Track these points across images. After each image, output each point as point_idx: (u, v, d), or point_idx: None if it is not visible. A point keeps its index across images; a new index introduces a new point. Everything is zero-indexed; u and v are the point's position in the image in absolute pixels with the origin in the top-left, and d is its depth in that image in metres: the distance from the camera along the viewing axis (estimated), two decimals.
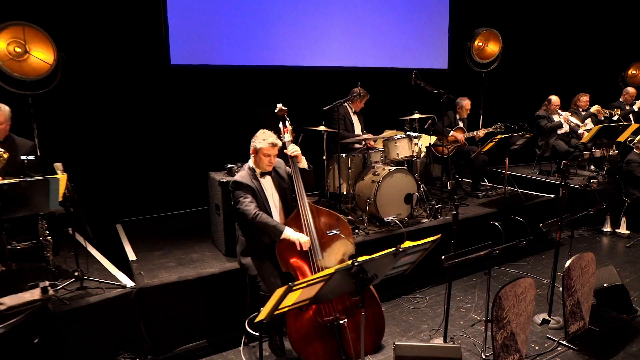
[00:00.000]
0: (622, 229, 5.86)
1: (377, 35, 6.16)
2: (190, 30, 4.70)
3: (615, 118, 7.21)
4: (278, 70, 5.50)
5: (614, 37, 8.89)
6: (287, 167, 3.19)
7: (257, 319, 2.02)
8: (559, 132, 6.94)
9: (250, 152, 3.08)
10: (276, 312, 2.07)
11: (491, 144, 5.24)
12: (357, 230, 4.26)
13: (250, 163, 3.12)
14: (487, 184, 6.20)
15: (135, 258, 3.81)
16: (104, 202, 4.87)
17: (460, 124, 6.08)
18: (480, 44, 7.21)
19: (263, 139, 3.00)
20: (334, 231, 2.84)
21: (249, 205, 2.89)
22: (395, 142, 4.68)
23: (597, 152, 6.58)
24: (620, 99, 7.69)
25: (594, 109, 7.15)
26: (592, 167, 7.16)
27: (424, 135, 5.32)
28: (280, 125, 3.19)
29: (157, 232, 4.58)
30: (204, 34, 4.80)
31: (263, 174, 3.10)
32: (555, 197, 5.80)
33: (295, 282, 1.92)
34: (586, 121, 6.96)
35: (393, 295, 4.24)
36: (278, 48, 5.38)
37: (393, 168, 4.51)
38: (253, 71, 5.32)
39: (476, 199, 5.64)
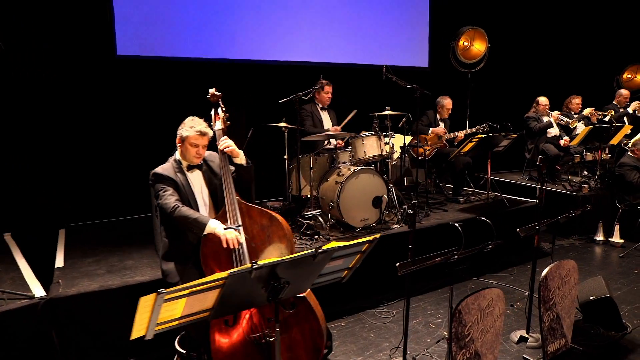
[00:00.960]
0: (616, 238, 5.42)
1: (352, 30, 5.83)
2: (139, 19, 4.36)
3: (607, 119, 6.81)
4: (240, 64, 5.15)
5: (608, 38, 8.55)
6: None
7: (132, 336, 1.61)
8: (549, 135, 6.56)
9: (176, 141, 2.69)
10: (161, 327, 1.66)
11: (471, 144, 4.85)
12: (316, 237, 3.85)
13: (177, 155, 2.73)
14: (470, 189, 5.79)
15: (62, 265, 3.41)
16: (49, 206, 4.50)
17: (441, 125, 5.70)
18: (465, 43, 6.89)
19: (190, 126, 2.63)
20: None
21: (168, 198, 2.50)
22: (363, 140, 4.29)
23: (589, 156, 6.17)
24: (613, 102, 7.31)
25: (587, 111, 6.79)
26: (585, 172, 6.75)
27: (397, 135, 4.94)
28: (212, 112, 2.81)
29: (100, 238, 4.18)
30: (155, 23, 4.46)
31: (191, 167, 2.71)
32: (537, 203, 5.36)
33: (168, 289, 1.51)
34: (578, 124, 6.57)
35: (357, 308, 3.82)
36: (240, 41, 5.04)
37: (358, 168, 4.12)
38: (212, 65, 4.97)
39: (457, 204, 5.22)
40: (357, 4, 5.80)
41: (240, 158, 2.72)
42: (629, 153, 5.57)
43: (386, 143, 4.49)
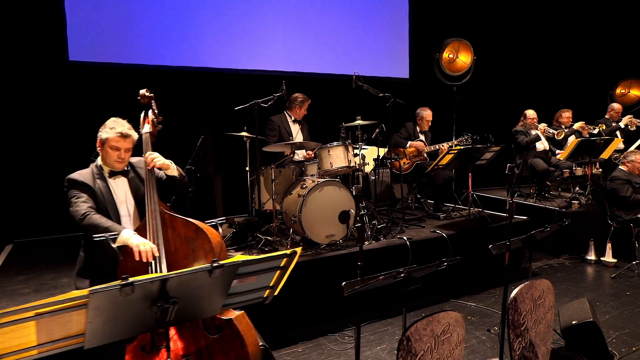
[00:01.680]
0: (608, 257, 5.07)
1: (327, 40, 5.64)
2: (93, 26, 4.18)
3: (596, 131, 6.54)
4: (205, 72, 4.94)
5: (600, 51, 8.36)
6: (156, 169, 2.54)
7: None
8: (537, 149, 6.28)
9: (97, 145, 2.43)
10: (13, 358, 1.37)
11: (448, 156, 4.56)
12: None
13: (99, 160, 2.47)
14: (452, 204, 5.48)
15: None
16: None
17: (422, 137, 5.44)
18: (450, 55, 6.68)
19: (111, 127, 2.37)
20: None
21: (80, 205, 2.23)
22: (329, 151, 4.02)
23: (579, 171, 5.88)
24: (605, 116, 7.05)
25: (577, 125, 6.50)
26: (577, 188, 6.43)
27: (371, 147, 4.67)
28: (142, 115, 2.56)
29: (45, 255, 3.90)
30: (110, 30, 4.28)
31: (114, 174, 2.44)
32: (526, 219, 5.05)
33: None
34: (569, 137, 6.29)
35: (319, 332, 3.49)
36: (203, 48, 4.85)
37: (323, 180, 3.85)
38: (173, 73, 4.76)
39: (436, 220, 4.91)
40: (333, 13, 5.63)
41: (172, 170, 2.46)
42: (620, 166, 5.28)
43: (355, 154, 4.22)
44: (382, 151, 4.78)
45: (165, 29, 4.66)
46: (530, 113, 6.35)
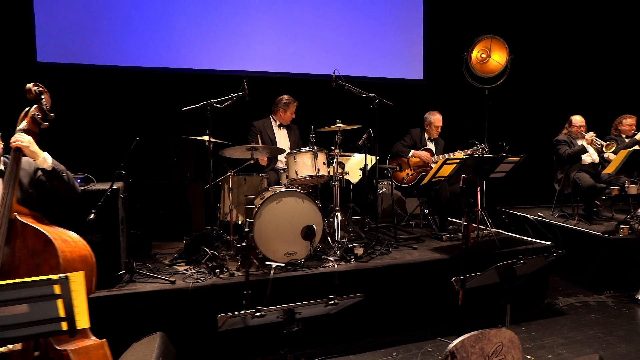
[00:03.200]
0: None
1: (329, 39, 5.19)
2: (62, 27, 4.13)
3: None
4: (179, 73, 4.72)
5: None
6: (36, 169, 2.30)
7: None
8: (584, 162, 5.29)
9: None
10: None
11: (448, 167, 3.87)
12: (217, 270, 3.15)
13: None
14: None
15: None
16: None
17: (430, 145, 4.78)
18: (482, 55, 5.90)
19: None
20: None
21: None
22: (295, 158, 3.58)
23: (632, 188, 4.80)
24: None
25: None
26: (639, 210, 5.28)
27: (356, 154, 4.13)
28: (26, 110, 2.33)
29: None
30: (79, 31, 4.21)
31: None
32: (550, 245, 4.17)
33: None
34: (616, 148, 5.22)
35: None
36: (177, 49, 4.64)
37: (283, 190, 3.40)
38: (146, 74, 4.59)
39: (438, 241, 4.21)
40: (336, 9, 5.18)
41: (42, 160, 2.19)
42: None
43: (331, 163, 3.72)
44: (372, 160, 4.21)
45: (136, 29, 4.54)
46: (577, 119, 5.39)
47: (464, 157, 3.92)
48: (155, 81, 4.72)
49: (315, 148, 3.55)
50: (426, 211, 4.79)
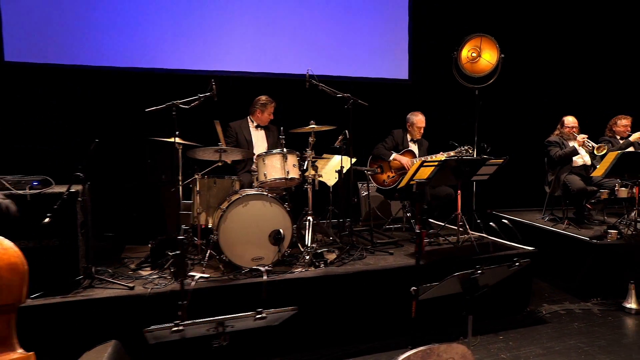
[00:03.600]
0: None
1: (307, 37, 5.07)
2: (31, 26, 4.05)
3: None
4: (158, 73, 4.63)
5: None
6: None
7: None
8: (575, 163, 5.13)
9: None
10: None
11: (427, 170, 3.75)
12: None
13: None
14: (451, 226, 4.57)
15: None
16: None
17: (413, 147, 4.66)
18: (473, 54, 5.76)
19: None
20: None
21: None
22: (264, 160, 3.48)
23: (623, 192, 4.63)
24: None
25: (635, 136, 5.23)
26: (634, 214, 5.10)
27: (332, 156, 4.02)
28: None
29: None
30: (48, 30, 4.13)
31: None
32: (534, 251, 4.02)
33: None
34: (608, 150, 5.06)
35: None
36: (157, 48, 4.55)
37: (251, 193, 3.31)
38: (119, 73, 4.51)
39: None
40: (316, 7, 5.06)
41: None
42: None
43: (301, 165, 3.61)
44: (349, 161, 4.10)
45: (107, 28, 4.45)
46: (569, 120, 5.23)
47: (442, 159, 3.78)
48: (131, 81, 4.63)
49: (285, 150, 3.45)
50: (408, 214, 4.66)
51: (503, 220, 4.46)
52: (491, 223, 4.95)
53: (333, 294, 3.22)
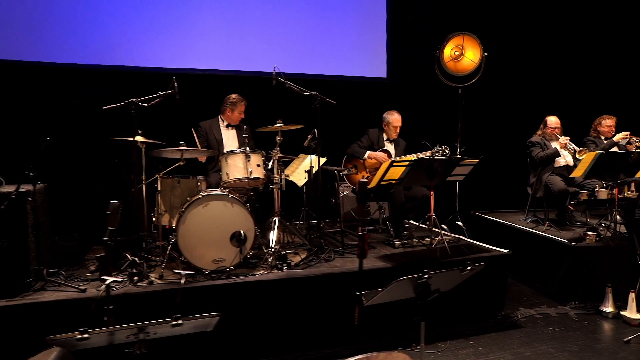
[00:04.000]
0: (631, 312, 3.75)
1: (282, 34, 4.97)
2: None
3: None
4: (124, 71, 4.54)
5: None
6: None
7: None
8: (557, 163, 5.03)
9: None
10: None
11: (398, 170, 3.66)
12: (135, 277, 2.97)
13: None
14: (426, 227, 4.47)
15: None
16: None
17: (390, 147, 4.57)
18: (456, 52, 5.67)
19: None
20: None
21: None
22: (227, 159, 3.39)
23: (602, 193, 4.53)
24: None
25: (619, 136, 5.14)
26: (618, 216, 4.98)
27: (308, 156, 3.91)
28: None
29: None
30: (12, 26, 4.05)
31: None
32: (508, 253, 3.92)
33: None
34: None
35: None
36: (122, 46, 4.46)
37: (211, 193, 3.22)
38: (85, 71, 4.41)
39: (390, 248, 3.99)
40: (292, 4, 4.97)
41: None
42: None
43: (266, 165, 3.52)
44: (320, 161, 4.01)
45: (64, 24, 4.33)
46: (552, 120, 5.13)
47: (413, 159, 3.69)
48: (97, 79, 4.52)
49: (248, 149, 3.36)
50: (384, 216, 4.57)
51: (457, 222, 4.35)
52: (458, 222, 4.89)
53: (295, 297, 3.13)
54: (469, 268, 2.14)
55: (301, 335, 3.15)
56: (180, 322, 1.52)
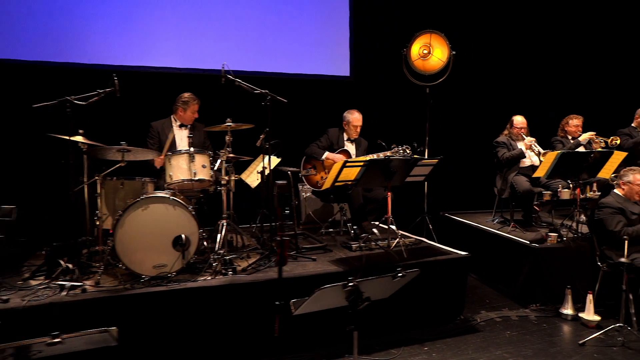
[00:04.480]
0: (589, 314, 3.69)
1: (240, 32, 4.82)
2: None
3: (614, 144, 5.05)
4: (71, 68, 4.36)
5: (624, 42, 6.67)
6: None
7: None
8: (523, 163, 4.96)
9: None
10: None
11: (352, 171, 3.54)
12: (64, 284, 2.81)
13: None
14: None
15: None
16: None
17: (350, 147, 4.47)
18: (425, 51, 5.58)
19: None
20: None
21: None
22: (170, 160, 3.25)
23: (565, 193, 4.47)
24: (632, 124, 5.49)
25: (585, 136, 5.10)
26: (583, 216, 4.94)
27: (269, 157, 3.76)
28: None
29: None
30: None
31: None
32: (466, 256, 3.84)
33: None
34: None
35: None
36: (77, 43, 4.30)
37: (150, 196, 3.08)
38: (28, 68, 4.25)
39: (348, 251, 3.88)
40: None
41: None
42: (616, 189, 3.90)
43: (212, 166, 3.38)
44: (275, 161, 3.89)
45: (15, 19, 4.17)
46: (518, 120, 5.06)
47: (367, 159, 3.58)
48: (37, 76, 4.34)
49: (192, 149, 3.22)
50: (345, 217, 4.46)
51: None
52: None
53: (238, 304, 3.00)
54: (399, 275, 2.03)
55: (242, 345, 3.01)
56: (59, 339, 1.39)
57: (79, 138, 3.29)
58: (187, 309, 2.88)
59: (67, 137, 3.06)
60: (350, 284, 1.91)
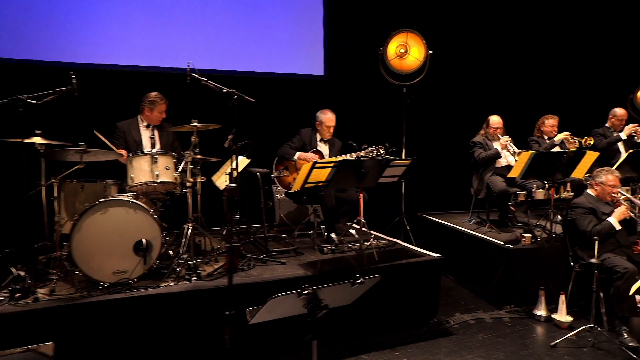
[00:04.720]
0: (561, 314, 3.68)
1: (209, 29, 4.70)
2: None
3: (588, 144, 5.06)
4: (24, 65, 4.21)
5: (602, 41, 6.73)
6: None
7: None
8: (499, 163, 4.94)
9: None
10: None
11: (322, 172, 3.47)
12: (18, 294, 2.68)
13: None
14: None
15: None
16: None
17: (323, 147, 4.39)
18: (402, 50, 5.52)
19: None
20: None
21: None
22: (132, 162, 3.13)
23: (539, 194, 4.46)
24: (606, 124, 5.53)
25: (561, 136, 5.10)
26: (559, 217, 4.93)
27: (240, 158, 3.67)
28: None
29: None
30: None
31: None
32: (439, 258, 3.79)
33: None
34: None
35: None
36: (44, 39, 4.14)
37: (114, 198, 2.96)
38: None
39: (320, 254, 3.80)
40: None
41: None
42: (588, 190, 3.88)
43: (176, 169, 3.27)
44: (244, 162, 3.79)
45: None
46: (494, 120, 5.03)
47: (337, 160, 3.51)
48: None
49: (154, 150, 3.11)
50: (319, 219, 4.37)
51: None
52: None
53: (201, 311, 2.89)
54: (358, 281, 1.96)
55: (203, 354, 2.90)
56: None
57: (36, 139, 3.15)
58: (147, 316, 2.77)
59: (19, 140, 2.91)
60: (304, 292, 1.82)
